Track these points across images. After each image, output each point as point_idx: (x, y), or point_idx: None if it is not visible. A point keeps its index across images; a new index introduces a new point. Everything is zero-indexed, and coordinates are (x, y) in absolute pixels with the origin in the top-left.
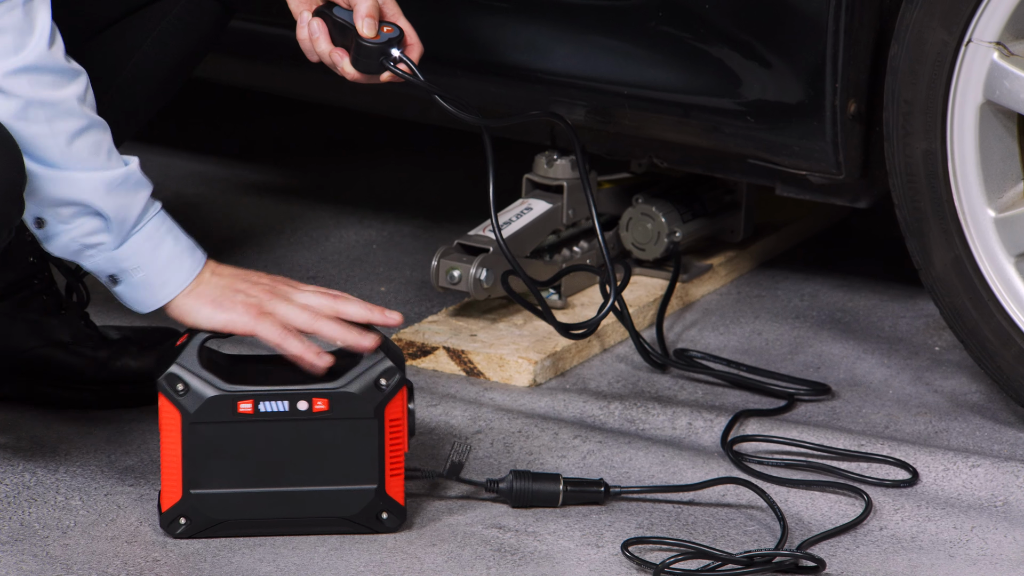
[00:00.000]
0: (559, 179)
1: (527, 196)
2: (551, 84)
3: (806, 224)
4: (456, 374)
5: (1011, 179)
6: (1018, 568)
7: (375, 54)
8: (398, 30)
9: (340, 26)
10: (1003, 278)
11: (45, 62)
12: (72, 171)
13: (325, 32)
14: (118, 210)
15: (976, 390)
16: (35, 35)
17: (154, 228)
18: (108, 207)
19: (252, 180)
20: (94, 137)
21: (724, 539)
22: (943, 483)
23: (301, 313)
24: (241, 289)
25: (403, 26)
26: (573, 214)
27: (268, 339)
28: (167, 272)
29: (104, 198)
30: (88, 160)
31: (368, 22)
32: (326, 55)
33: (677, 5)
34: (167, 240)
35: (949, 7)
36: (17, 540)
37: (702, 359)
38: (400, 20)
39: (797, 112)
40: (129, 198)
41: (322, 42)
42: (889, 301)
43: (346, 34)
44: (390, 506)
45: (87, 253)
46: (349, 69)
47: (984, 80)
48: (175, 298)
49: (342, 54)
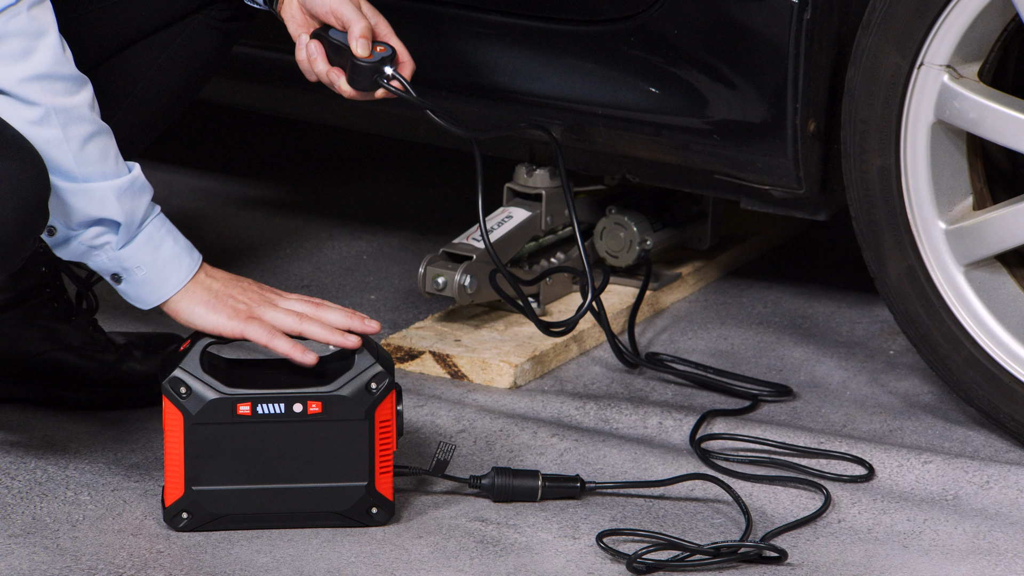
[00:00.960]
0: (538, 188)
1: (508, 204)
2: (531, 104)
3: (769, 236)
4: (441, 377)
5: (960, 193)
6: (967, 558)
7: (369, 72)
8: (391, 49)
9: (336, 47)
10: (953, 286)
11: (58, 69)
12: (85, 182)
13: (322, 53)
14: (127, 215)
15: (928, 391)
16: (45, 40)
17: (155, 229)
18: (119, 213)
19: (250, 196)
20: (102, 142)
21: (693, 531)
22: (897, 478)
23: (288, 317)
24: (232, 295)
25: (395, 45)
26: (551, 221)
27: (257, 340)
28: (167, 271)
29: (115, 205)
30: (98, 165)
31: (362, 42)
32: (324, 74)
33: (648, 31)
34: (167, 240)
35: (902, 33)
36: (30, 533)
37: (672, 362)
38: (392, 40)
39: (760, 131)
40: (136, 202)
41: (320, 62)
42: (847, 308)
43: (342, 54)
44: (379, 501)
45: (93, 254)
46: (345, 87)
47: (935, 101)
48: (173, 296)
49: (339, 73)
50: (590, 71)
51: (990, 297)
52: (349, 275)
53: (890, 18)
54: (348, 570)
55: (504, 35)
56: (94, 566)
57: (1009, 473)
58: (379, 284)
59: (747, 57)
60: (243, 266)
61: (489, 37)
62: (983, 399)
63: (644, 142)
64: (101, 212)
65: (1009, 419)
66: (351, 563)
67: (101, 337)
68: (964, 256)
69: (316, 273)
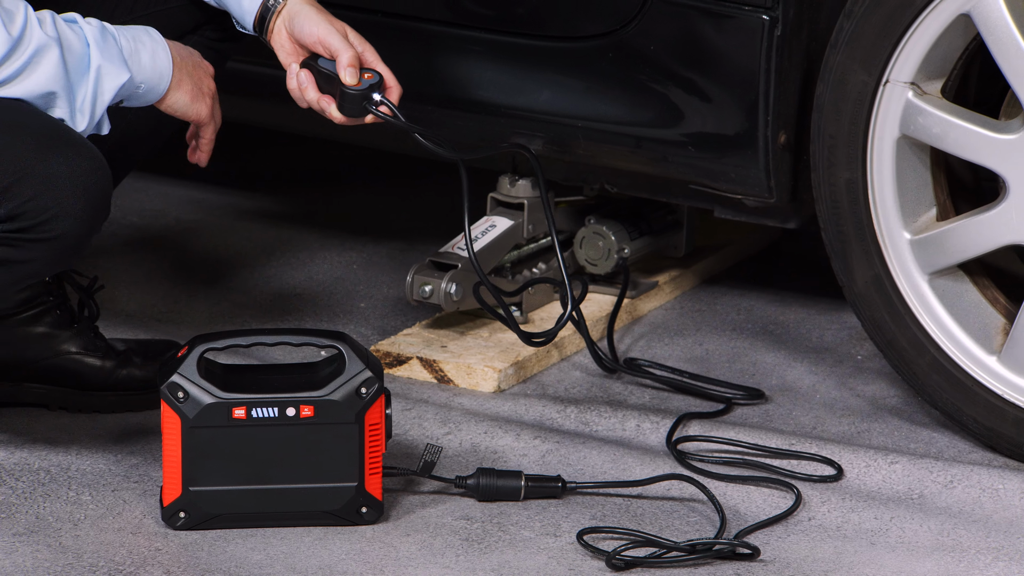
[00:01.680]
0: (520, 197)
1: (491, 213)
2: (513, 118)
3: (742, 246)
4: (428, 381)
5: (925, 205)
6: (932, 554)
7: (358, 100)
8: (378, 75)
9: (325, 75)
10: (918, 294)
11: None
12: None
13: (312, 81)
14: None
15: (894, 395)
16: None
17: (127, 44)
18: (109, 69)
19: (245, 207)
20: None
21: (669, 529)
22: (865, 478)
23: None
24: (197, 76)
25: (382, 71)
26: (533, 229)
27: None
28: (157, 70)
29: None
30: None
31: (350, 71)
32: (314, 102)
33: (626, 47)
34: (140, 45)
35: (869, 52)
36: (33, 532)
37: (649, 367)
38: (379, 66)
39: (733, 143)
40: (107, 45)
41: (310, 91)
42: (816, 315)
43: (331, 82)
44: (369, 501)
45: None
46: (336, 114)
47: (900, 116)
48: (170, 92)
49: (329, 101)
50: (570, 86)
51: (953, 304)
52: (339, 284)
53: (857, 38)
54: (339, 567)
55: (487, 51)
56: (95, 563)
57: (972, 473)
58: (368, 292)
59: (720, 72)
60: (237, 275)
61: (473, 53)
62: (947, 402)
63: (622, 154)
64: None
65: (972, 421)
66: (342, 560)
67: (102, 343)
68: (928, 265)
69: (308, 282)
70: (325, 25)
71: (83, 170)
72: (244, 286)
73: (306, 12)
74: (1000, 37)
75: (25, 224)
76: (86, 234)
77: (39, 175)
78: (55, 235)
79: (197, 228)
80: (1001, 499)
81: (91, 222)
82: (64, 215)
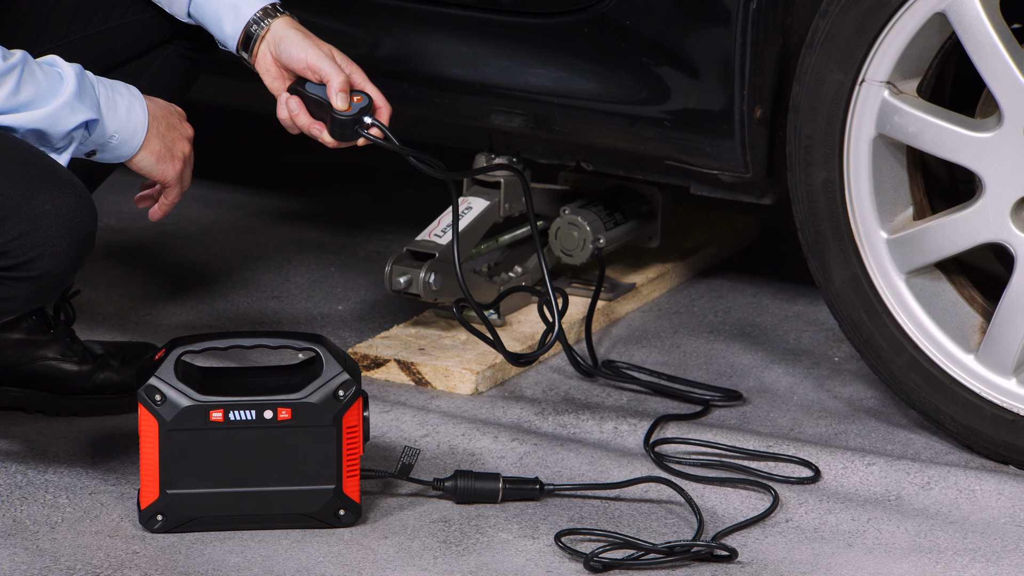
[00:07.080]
0: (496, 176)
1: (468, 193)
2: (489, 95)
3: (720, 248)
4: (406, 384)
5: (901, 204)
6: (909, 555)
7: (350, 124)
8: (367, 98)
9: (315, 101)
10: (895, 293)
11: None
12: None
13: (303, 108)
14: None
15: (872, 396)
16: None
17: (104, 92)
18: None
19: (222, 211)
20: None
21: (647, 531)
22: (842, 480)
23: None
24: (171, 138)
25: (371, 93)
26: (509, 207)
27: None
28: (131, 125)
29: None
30: None
31: (341, 96)
32: (306, 128)
33: (602, 22)
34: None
35: (844, 51)
36: (10, 535)
37: (627, 369)
38: (368, 87)
39: (710, 117)
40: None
41: (302, 117)
42: (793, 317)
43: (321, 107)
44: (347, 504)
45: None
46: (328, 139)
47: (876, 116)
48: (138, 150)
49: (320, 127)
50: (547, 62)
51: (930, 303)
52: (318, 287)
53: (832, 37)
54: (317, 569)
55: (464, 28)
56: (72, 566)
57: (949, 474)
58: (346, 295)
59: (697, 47)
60: (215, 279)
61: (450, 30)
62: (925, 401)
63: (599, 130)
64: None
65: (950, 420)
66: (319, 562)
67: (79, 348)
68: (905, 264)
69: (286, 284)
70: (313, 50)
71: (68, 209)
72: (221, 289)
73: (292, 36)
74: (975, 35)
75: (8, 263)
76: (69, 272)
77: (24, 214)
78: (38, 274)
79: (174, 231)
80: (978, 500)
81: (75, 261)
82: (48, 254)
